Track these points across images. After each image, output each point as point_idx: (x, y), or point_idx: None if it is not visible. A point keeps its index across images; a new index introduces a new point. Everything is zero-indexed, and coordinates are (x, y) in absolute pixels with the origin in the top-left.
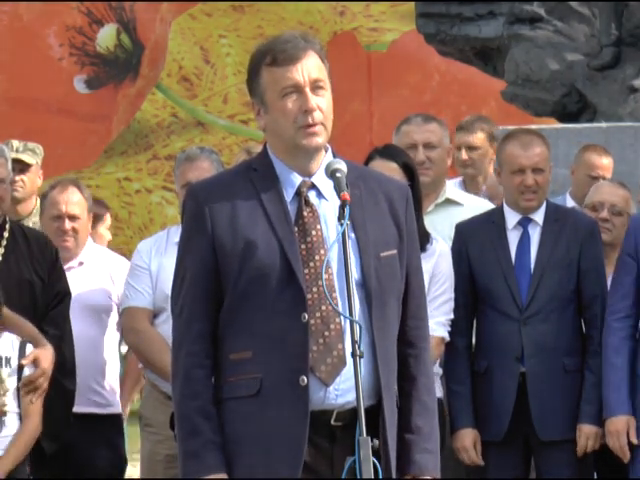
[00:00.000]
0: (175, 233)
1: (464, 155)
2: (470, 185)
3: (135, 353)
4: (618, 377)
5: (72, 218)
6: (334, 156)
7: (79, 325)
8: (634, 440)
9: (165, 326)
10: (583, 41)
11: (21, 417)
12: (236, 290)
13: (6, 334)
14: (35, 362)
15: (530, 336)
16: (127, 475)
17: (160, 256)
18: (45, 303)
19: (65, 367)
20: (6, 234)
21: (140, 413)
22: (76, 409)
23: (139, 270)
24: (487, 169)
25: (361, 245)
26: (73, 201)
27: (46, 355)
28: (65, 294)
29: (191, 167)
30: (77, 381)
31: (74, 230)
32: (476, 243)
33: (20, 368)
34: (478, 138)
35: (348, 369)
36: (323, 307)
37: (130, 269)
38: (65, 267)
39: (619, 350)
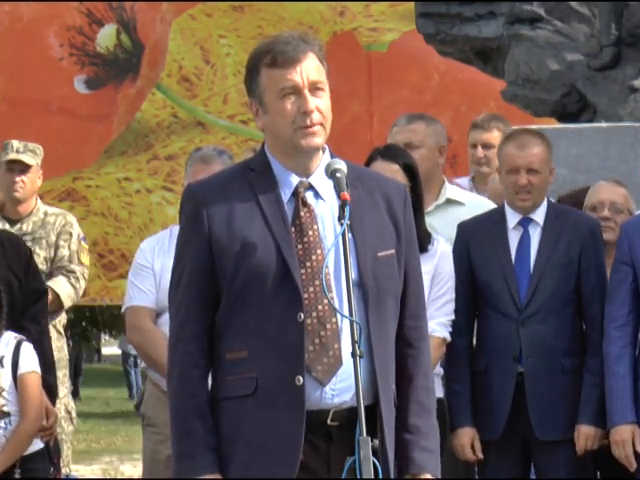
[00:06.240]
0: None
1: (480, 153)
2: (480, 183)
3: (138, 351)
4: (621, 385)
5: None
6: (332, 156)
7: None
8: None
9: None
10: (583, 41)
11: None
12: (232, 290)
13: (4, 334)
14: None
15: (528, 336)
16: (127, 475)
17: (163, 256)
18: (23, 301)
19: (46, 362)
20: None
21: (142, 413)
22: None
23: (142, 269)
24: None
25: (358, 245)
26: None
27: (56, 414)
28: (42, 292)
29: (205, 169)
30: None
31: None
32: (477, 243)
33: (15, 367)
34: (494, 136)
35: (344, 369)
36: (319, 307)
37: (133, 268)
38: None
39: (620, 358)
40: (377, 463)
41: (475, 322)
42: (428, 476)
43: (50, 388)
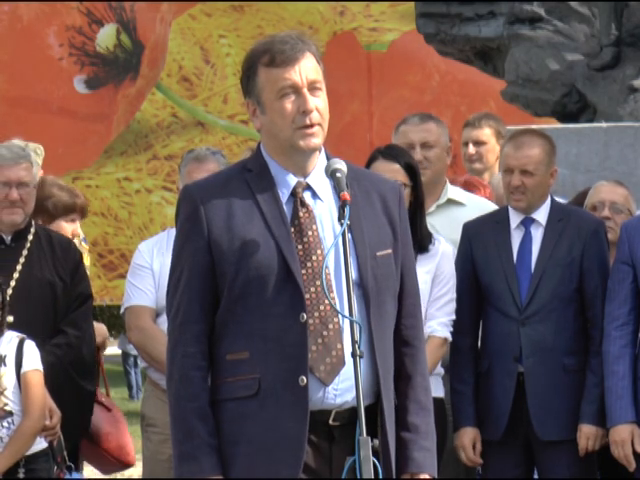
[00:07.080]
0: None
1: (471, 149)
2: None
3: (138, 350)
4: (620, 385)
5: None
6: (327, 156)
7: None
8: (639, 449)
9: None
10: (583, 41)
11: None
12: (233, 291)
13: (5, 333)
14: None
15: (528, 336)
16: (127, 475)
17: (162, 256)
18: (66, 304)
19: (84, 369)
20: (30, 237)
21: (142, 413)
22: None
23: (141, 269)
24: (494, 165)
25: (357, 245)
26: None
27: (59, 414)
28: (87, 296)
29: (199, 168)
30: None
31: None
32: (480, 243)
33: (18, 365)
34: (484, 133)
35: (347, 369)
36: (321, 307)
37: (131, 268)
38: None
39: (620, 358)
40: (377, 463)
41: (480, 323)
42: (426, 476)
43: (86, 395)
